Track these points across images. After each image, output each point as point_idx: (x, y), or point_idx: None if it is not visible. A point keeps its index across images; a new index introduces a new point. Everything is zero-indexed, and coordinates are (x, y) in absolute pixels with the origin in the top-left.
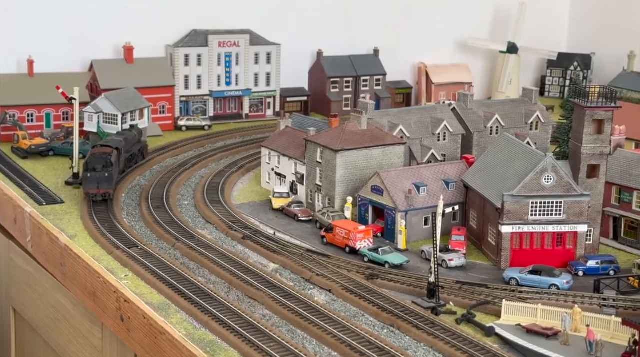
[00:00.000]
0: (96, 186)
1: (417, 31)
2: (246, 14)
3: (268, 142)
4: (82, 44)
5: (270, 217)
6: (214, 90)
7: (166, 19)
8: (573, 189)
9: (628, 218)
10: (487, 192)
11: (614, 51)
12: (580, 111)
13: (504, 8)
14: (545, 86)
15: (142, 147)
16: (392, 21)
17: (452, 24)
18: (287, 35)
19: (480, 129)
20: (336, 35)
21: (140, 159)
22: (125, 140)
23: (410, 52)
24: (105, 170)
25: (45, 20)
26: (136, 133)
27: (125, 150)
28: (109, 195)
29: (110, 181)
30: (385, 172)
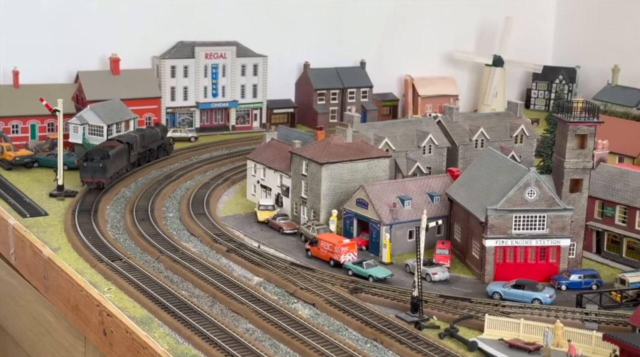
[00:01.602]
0: (91, 175)
1: (404, 44)
2: (233, 25)
3: (253, 155)
4: (68, 55)
5: (255, 230)
6: (200, 102)
7: (153, 30)
8: (556, 204)
9: (611, 232)
10: (471, 206)
11: (599, 64)
12: (563, 126)
13: (490, 22)
14: (531, 99)
15: (165, 144)
16: (379, 34)
17: (438, 37)
18: (274, 47)
19: (466, 142)
20: (323, 47)
21: (162, 154)
22: (142, 136)
23: (397, 64)
24: (100, 162)
25: (30, 31)
26: (158, 131)
27: (141, 145)
28: (102, 184)
29: (104, 172)
30: (370, 186)
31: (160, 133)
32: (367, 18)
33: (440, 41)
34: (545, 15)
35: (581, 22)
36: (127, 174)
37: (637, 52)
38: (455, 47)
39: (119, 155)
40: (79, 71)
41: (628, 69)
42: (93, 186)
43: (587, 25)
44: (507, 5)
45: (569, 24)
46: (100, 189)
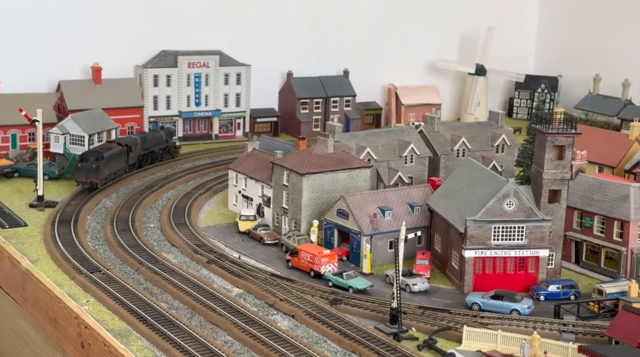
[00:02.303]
0: (84, 175)
1: (387, 53)
2: (216, 34)
3: (235, 165)
4: (50, 64)
5: (236, 240)
6: (183, 111)
7: (135, 39)
8: (534, 214)
9: (589, 242)
10: (451, 217)
11: (581, 74)
12: (541, 137)
13: (472, 31)
14: (514, 108)
15: (169, 147)
16: (362, 43)
17: (421, 46)
18: (258, 56)
19: (447, 152)
20: (306, 56)
21: (166, 157)
22: (144, 139)
23: (380, 73)
24: (94, 163)
25: (12, 40)
26: (163, 134)
27: (142, 148)
28: (96, 184)
29: (97, 172)
30: (350, 196)
31: (165, 137)
32: (351, 27)
33: (423, 50)
34: (528, 25)
35: (563, 32)
36: (125, 175)
37: (618, 62)
38: (439, 56)
39: (115, 157)
40: (60, 80)
41: (609, 78)
42: (87, 186)
43: (568, 35)
44: (490, 14)
45: (551, 33)
46: (93, 189)
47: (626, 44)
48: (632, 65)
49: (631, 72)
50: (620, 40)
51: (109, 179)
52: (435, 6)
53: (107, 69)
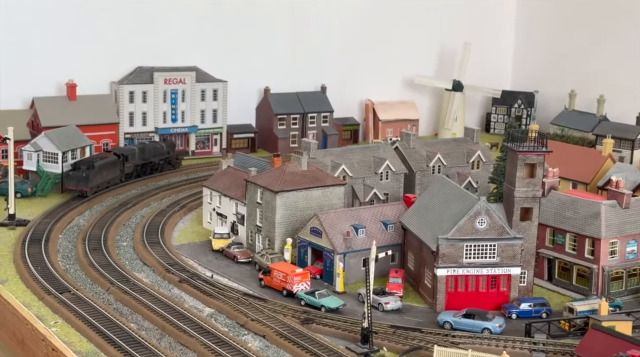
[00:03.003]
0: (75, 183)
1: (365, 69)
2: (193, 50)
3: (209, 182)
4: (24, 81)
5: (210, 259)
6: (159, 127)
7: (111, 55)
8: (506, 232)
9: (561, 260)
10: (423, 235)
11: (557, 89)
12: (513, 155)
13: (449, 47)
14: (491, 123)
15: (170, 158)
16: (340, 58)
17: (399, 62)
18: (235, 72)
19: (423, 168)
20: (284, 72)
21: (168, 168)
22: (142, 150)
23: (358, 89)
24: (84, 171)
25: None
26: (164, 146)
27: (140, 158)
28: (85, 192)
29: (86, 181)
30: (323, 214)
31: (166, 148)
32: (328, 43)
33: (400, 66)
34: (504, 41)
35: (539, 48)
36: (122, 184)
37: (593, 78)
38: (416, 72)
39: (108, 166)
40: (34, 97)
41: (584, 94)
42: (76, 194)
43: (544, 51)
44: (467, 31)
45: (527, 49)
46: (83, 197)
47: (601, 60)
48: (606, 81)
49: (606, 88)
50: (595, 57)
51: (101, 188)
52: (413, 22)
53: (83, 85)
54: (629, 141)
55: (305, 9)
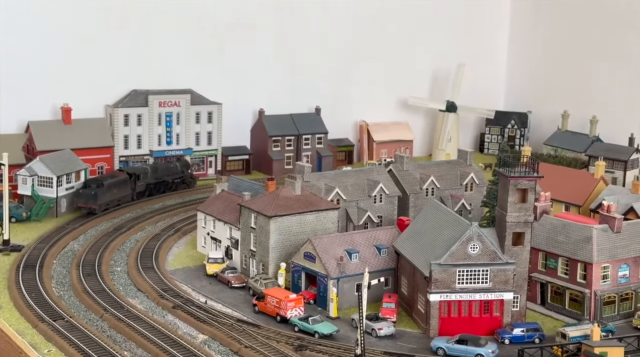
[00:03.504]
0: (84, 201)
1: (359, 90)
2: (187, 73)
3: (204, 206)
4: (19, 105)
5: (204, 284)
6: (154, 150)
7: (106, 79)
8: (498, 258)
9: (554, 284)
10: (416, 260)
11: (550, 110)
12: (504, 180)
13: (443, 68)
14: (485, 143)
15: (185, 177)
16: (334, 80)
17: (392, 83)
18: (229, 94)
19: (416, 191)
20: (278, 94)
21: (182, 187)
22: (155, 169)
23: (352, 110)
24: (93, 190)
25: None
26: (178, 165)
27: (153, 177)
28: (93, 210)
29: (95, 199)
30: (317, 239)
31: (180, 167)
32: (322, 65)
33: (394, 87)
34: (497, 62)
35: (532, 68)
36: (133, 202)
37: (585, 98)
38: (410, 93)
39: (118, 185)
40: (29, 121)
41: (577, 115)
42: (85, 211)
43: (537, 71)
44: (460, 52)
45: (520, 70)
46: (92, 214)
47: (593, 81)
48: (599, 102)
49: (598, 109)
50: (588, 78)
51: (110, 205)
52: (407, 44)
53: (78, 108)
54: (621, 162)
55: (299, 30)
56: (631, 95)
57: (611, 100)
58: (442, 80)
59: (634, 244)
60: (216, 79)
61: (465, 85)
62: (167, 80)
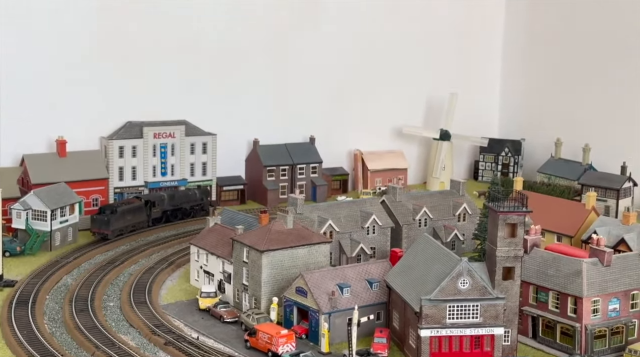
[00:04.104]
0: (98, 227)
1: (353, 119)
2: (182, 104)
3: (197, 240)
4: (14, 138)
5: (196, 319)
6: (149, 181)
7: (101, 111)
8: (488, 293)
9: (545, 317)
10: (407, 295)
11: (543, 137)
12: (494, 215)
13: (436, 97)
14: (479, 171)
15: (204, 205)
16: (328, 109)
17: (386, 111)
18: (224, 124)
19: (409, 222)
20: (272, 124)
21: (200, 214)
22: (171, 196)
23: (346, 139)
24: (106, 216)
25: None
26: (197, 193)
27: (170, 204)
28: (106, 235)
29: (107, 224)
30: (309, 274)
31: (199, 195)
32: (316, 94)
33: (388, 116)
34: (491, 90)
35: (525, 97)
36: (148, 229)
37: (578, 126)
38: (404, 122)
39: (132, 211)
40: (24, 154)
41: (570, 143)
42: (99, 237)
43: (531, 99)
44: (453, 80)
45: (514, 98)
46: (105, 239)
47: (586, 109)
48: (591, 130)
49: (591, 137)
50: (581, 106)
51: (125, 231)
52: (400, 72)
53: (73, 141)
54: (614, 191)
55: (293, 61)
56: (623, 124)
57: (603, 128)
58: (436, 108)
59: (624, 278)
60: (211, 110)
61: (459, 114)
62: (161, 111)
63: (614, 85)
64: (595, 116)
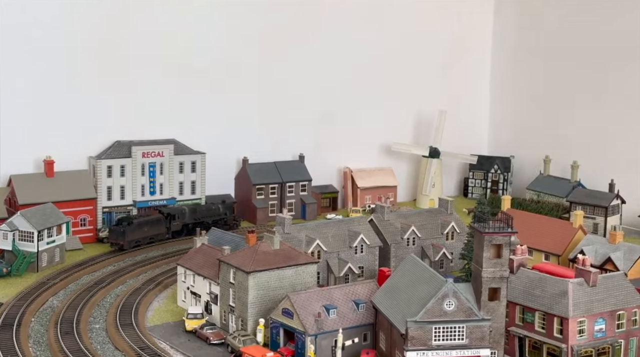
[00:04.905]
0: (115, 237)
1: (342, 136)
2: (171, 123)
3: (183, 261)
4: (1, 158)
5: (182, 340)
6: (137, 200)
7: (89, 131)
8: (474, 314)
9: (532, 338)
10: (393, 316)
11: (532, 154)
12: (479, 236)
13: (426, 114)
14: (469, 188)
15: (227, 219)
16: (317, 127)
17: (376, 129)
18: (213, 143)
19: (397, 241)
20: (262, 142)
21: (225, 228)
22: (193, 210)
23: (336, 156)
24: (123, 227)
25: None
26: (220, 207)
27: (191, 218)
28: (122, 245)
29: (123, 235)
30: (295, 295)
31: (223, 209)
32: (305, 111)
33: (377, 133)
34: (480, 108)
35: (514, 114)
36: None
37: (566, 144)
38: (393, 139)
39: (150, 223)
40: (11, 175)
41: (559, 160)
42: (116, 247)
43: (520, 117)
44: (443, 97)
45: (503, 115)
46: (121, 249)
47: (574, 126)
48: (580, 147)
49: (579, 154)
50: (569, 123)
51: (142, 242)
52: (389, 90)
53: (61, 161)
54: (602, 208)
55: (281, 78)
56: (611, 141)
57: (592, 145)
58: (425, 126)
59: (610, 298)
60: (200, 129)
61: (448, 131)
62: (150, 130)
63: (602, 103)
64: (584, 133)
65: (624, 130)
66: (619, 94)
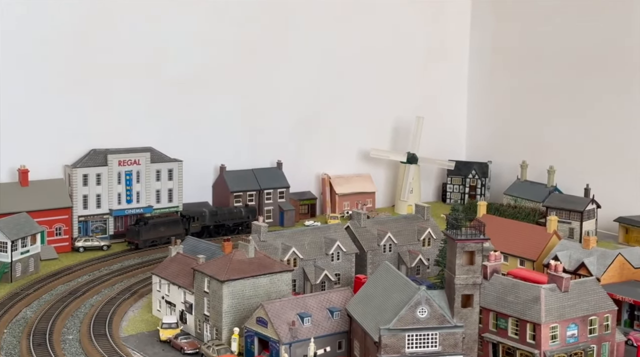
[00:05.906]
0: (130, 236)
1: (320, 143)
2: (147, 131)
3: (158, 270)
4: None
5: (157, 351)
6: (114, 209)
7: (64, 139)
8: (447, 321)
9: (505, 344)
10: (367, 324)
11: (509, 160)
12: (452, 243)
13: (404, 120)
14: (447, 193)
15: (249, 223)
16: (295, 133)
17: (354, 135)
18: (190, 150)
19: (374, 247)
20: (239, 149)
21: (245, 232)
22: (214, 213)
23: (314, 163)
24: (138, 227)
25: None
26: (242, 211)
27: (212, 220)
28: (136, 244)
29: (138, 235)
30: (269, 304)
31: (245, 213)
32: (283, 118)
33: (355, 139)
34: (457, 114)
35: (491, 120)
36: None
37: (543, 149)
38: (371, 145)
39: (166, 224)
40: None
41: (536, 165)
42: (132, 246)
43: (497, 122)
44: (420, 103)
45: (480, 121)
46: (137, 248)
47: (551, 131)
48: (556, 152)
49: (555, 159)
50: (545, 128)
51: (158, 242)
52: (367, 96)
53: (36, 170)
54: (577, 213)
55: (258, 85)
56: (586, 145)
57: (567, 150)
58: (403, 132)
59: (582, 303)
60: (176, 136)
61: (426, 137)
62: (126, 138)
63: (578, 108)
64: (560, 138)
65: (600, 135)
66: (595, 100)
